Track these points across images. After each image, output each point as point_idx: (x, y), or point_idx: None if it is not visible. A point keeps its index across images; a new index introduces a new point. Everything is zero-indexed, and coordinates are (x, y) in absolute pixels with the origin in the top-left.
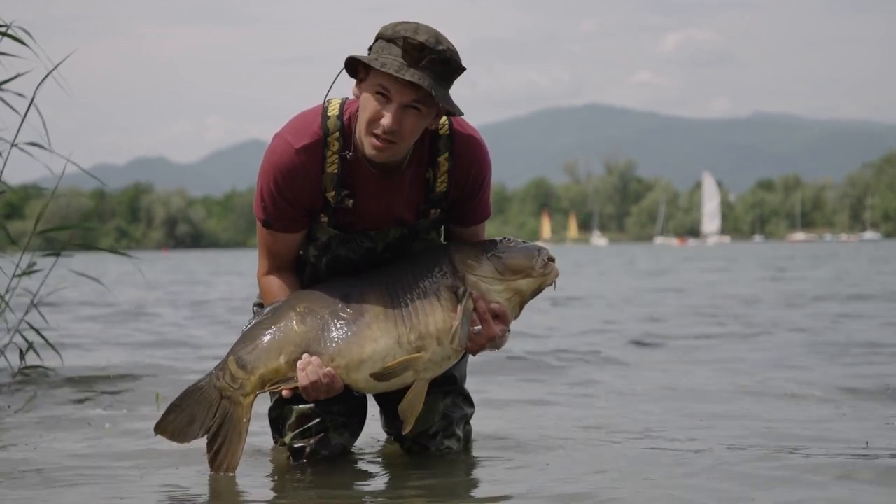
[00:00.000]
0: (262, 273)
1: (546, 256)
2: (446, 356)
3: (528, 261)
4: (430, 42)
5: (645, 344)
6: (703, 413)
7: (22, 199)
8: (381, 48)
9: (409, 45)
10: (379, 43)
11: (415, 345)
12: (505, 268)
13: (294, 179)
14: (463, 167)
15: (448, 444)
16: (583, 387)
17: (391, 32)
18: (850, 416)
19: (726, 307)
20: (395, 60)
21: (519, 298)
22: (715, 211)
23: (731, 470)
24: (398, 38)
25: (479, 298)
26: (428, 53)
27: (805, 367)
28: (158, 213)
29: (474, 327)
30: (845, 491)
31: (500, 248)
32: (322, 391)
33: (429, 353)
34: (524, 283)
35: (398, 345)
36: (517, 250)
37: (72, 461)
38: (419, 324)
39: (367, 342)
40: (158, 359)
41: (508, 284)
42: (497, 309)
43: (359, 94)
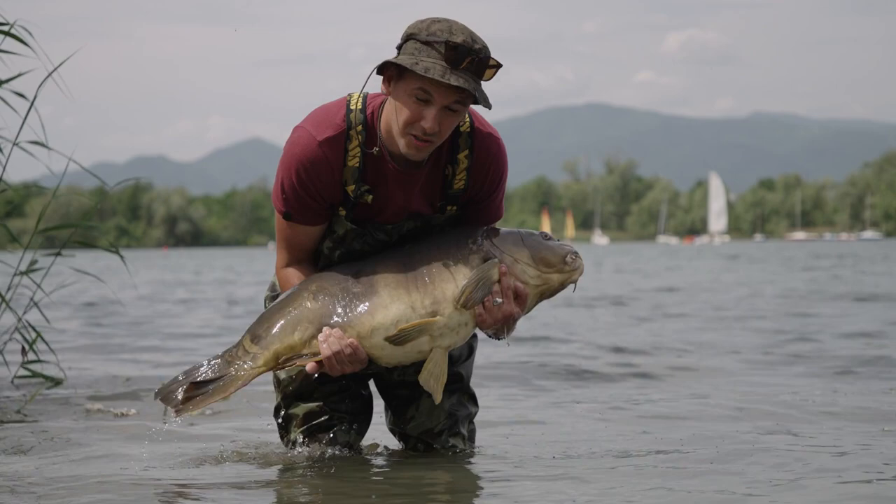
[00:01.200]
0: (280, 265)
1: (575, 253)
2: (463, 322)
3: (560, 256)
4: (469, 42)
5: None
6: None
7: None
8: (417, 50)
9: (451, 48)
10: (412, 44)
11: (429, 309)
12: (540, 258)
13: (316, 172)
14: (482, 165)
15: (453, 443)
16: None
17: (426, 34)
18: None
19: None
20: (437, 64)
21: (544, 288)
22: (722, 210)
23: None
24: (437, 42)
25: (507, 273)
26: (468, 55)
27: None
28: (158, 211)
29: (496, 298)
30: None
31: (536, 239)
32: (346, 362)
33: (444, 317)
34: (553, 277)
35: (411, 309)
36: (551, 244)
37: (70, 460)
38: (435, 289)
39: (378, 309)
40: (157, 358)
41: (541, 273)
42: (520, 289)
43: (388, 92)
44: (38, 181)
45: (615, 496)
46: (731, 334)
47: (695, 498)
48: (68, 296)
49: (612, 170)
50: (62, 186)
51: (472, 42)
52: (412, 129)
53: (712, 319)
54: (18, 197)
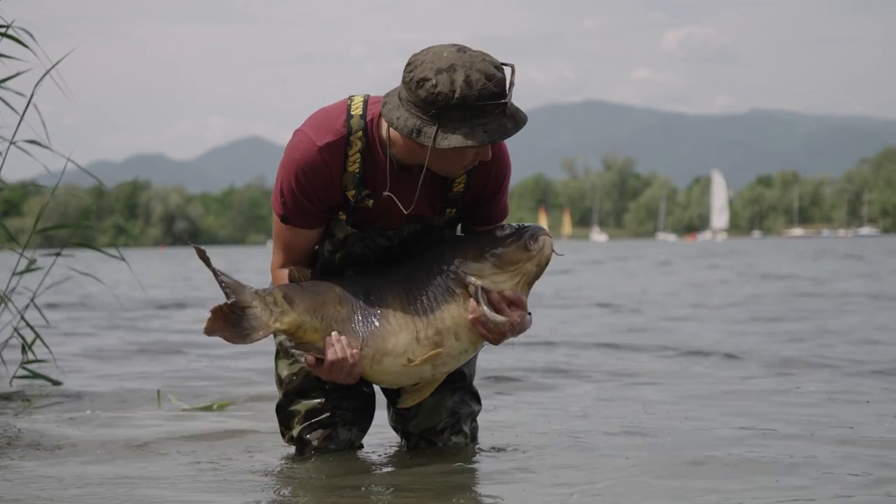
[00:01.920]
0: (276, 266)
1: (531, 235)
2: (463, 350)
3: (521, 248)
4: (505, 89)
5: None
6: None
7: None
8: (468, 116)
9: (495, 107)
10: (460, 112)
11: (433, 340)
12: (503, 261)
13: (315, 177)
14: (483, 168)
15: (455, 441)
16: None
17: (473, 99)
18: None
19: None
20: (497, 122)
21: (526, 279)
22: (724, 207)
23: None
24: (486, 106)
25: (489, 291)
26: (503, 104)
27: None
28: (156, 209)
29: (497, 318)
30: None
31: (493, 242)
32: (343, 372)
33: (447, 347)
34: (526, 267)
35: (416, 340)
36: (508, 240)
37: (67, 459)
38: (436, 320)
39: (390, 336)
40: (155, 357)
41: (512, 272)
42: (510, 296)
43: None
44: (35, 180)
45: (620, 494)
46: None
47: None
48: (67, 295)
49: (609, 167)
50: (60, 185)
51: (498, 71)
52: (470, 165)
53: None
54: (16, 196)
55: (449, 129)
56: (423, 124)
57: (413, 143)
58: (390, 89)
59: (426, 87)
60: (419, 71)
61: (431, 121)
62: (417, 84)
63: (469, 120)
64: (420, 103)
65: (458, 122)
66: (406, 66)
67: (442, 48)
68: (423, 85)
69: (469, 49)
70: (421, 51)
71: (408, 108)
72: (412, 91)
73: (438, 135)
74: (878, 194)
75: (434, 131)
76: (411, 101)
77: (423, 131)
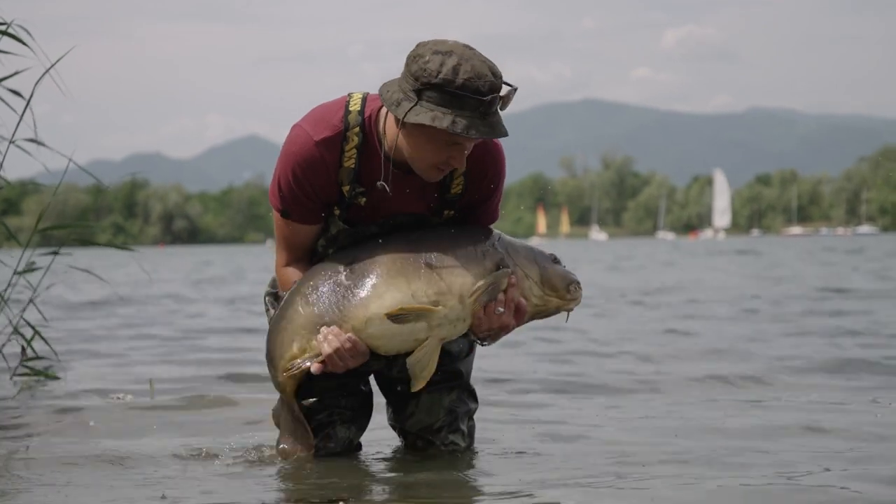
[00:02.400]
0: (280, 264)
1: (578, 283)
2: (462, 317)
3: (565, 283)
4: (495, 86)
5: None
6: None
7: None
8: (448, 102)
9: (485, 104)
10: (441, 96)
11: (432, 299)
12: (546, 280)
13: (312, 171)
14: (480, 170)
15: (453, 439)
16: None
17: (455, 86)
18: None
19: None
20: (475, 120)
21: (541, 310)
22: (726, 206)
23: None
24: (468, 98)
25: (515, 285)
26: (496, 100)
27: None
28: (155, 208)
29: (497, 308)
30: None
31: (546, 261)
32: (348, 357)
33: (446, 308)
34: (553, 301)
35: (412, 297)
36: (559, 270)
37: (63, 459)
38: (440, 280)
39: (373, 300)
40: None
41: (544, 295)
42: (522, 304)
43: (400, 125)
44: (34, 179)
45: (615, 492)
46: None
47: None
48: (65, 293)
49: (608, 166)
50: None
51: (495, 79)
52: (441, 165)
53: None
54: (15, 195)
55: (424, 108)
56: (404, 98)
57: (399, 135)
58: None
59: (418, 63)
60: (420, 49)
61: (413, 96)
62: (413, 59)
63: (446, 106)
64: (409, 78)
65: (434, 105)
66: (413, 48)
67: (451, 40)
68: (416, 61)
69: (477, 50)
70: (431, 39)
71: (400, 84)
72: (407, 66)
73: (413, 110)
74: (876, 193)
75: (410, 106)
76: (404, 78)
77: (401, 104)
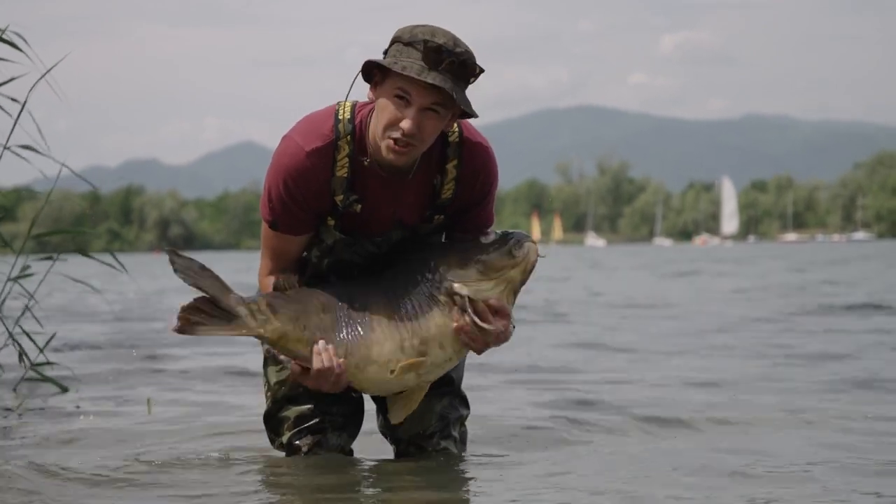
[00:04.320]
0: (264, 274)
1: (516, 241)
2: (447, 358)
3: (505, 254)
4: (449, 45)
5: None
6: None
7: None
8: (399, 51)
9: (430, 48)
10: (396, 47)
11: (417, 349)
12: (488, 268)
13: (303, 182)
14: (471, 175)
15: (445, 445)
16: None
17: (409, 36)
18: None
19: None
20: (416, 63)
21: (511, 287)
22: (733, 212)
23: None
24: (417, 42)
25: (473, 301)
26: (448, 56)
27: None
28: (151, 215)
29: (485, 326)
30: None
31: (476, 249)
32: (329, 380)
33: (431, 356)
34: (511, 274)
35: (401, 349)
36: (492, 247)
37: (60, 466)
38: (420, 328)
39: (374, 345)
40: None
41: (497, 280)
42: (495, 304)
43: (373, 98)
44: (29, 185)
45: (607, 496)
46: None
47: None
48: (57, 301)
49: (604, 171)
50: (54, 190)
51: (454, 45)
52: (392, 132)
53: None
54: (10, 201)
55: (386, 56)
56: (370, 64)
57: (375, 126)
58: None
59: (393, 35)
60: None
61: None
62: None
63: (405, 53)
64: (388, 44)
65: (395, 53)
66: None
67: None
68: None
69: (456, 35)
70: None
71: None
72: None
73: (371, 62)
74: (872, 199)
75: (374, 63)
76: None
77: (371, 71)
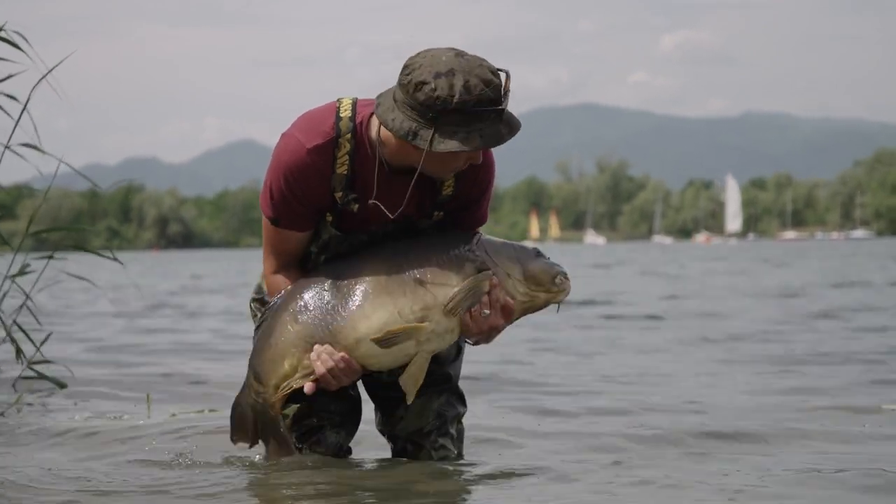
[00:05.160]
0: (269, 271)
1: (564, 274)
2: (450, 328)
3: (550, 276)
4: (495, 94)
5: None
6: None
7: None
8: (463, 121)
9: (488, 114)
10: (457, 116)
11: (418, 315)
12: (530, 275)
13: (304, 179)
14: (472, 172)
15: (442, 443)
16: None
17: (471, 105)
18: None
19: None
20: (492, 127)
21: (529, 305)
22: (737, 210)
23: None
24: (484, 113)
25: (497, 286)
26: (496, 109)
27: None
28: (150, 212)
29: (483, 310)
30: None
31: (529, 256)
32: (341, 376)
33: (433, 323)
34: (540, 296)
35: (398, 315)
36: (543, 263)
37: (58, 465)
38: (425, 294)
39: (360, 320)
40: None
41: (529, 290)
42: (509, 303)
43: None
44: (29, 183)
45: (603, 497)
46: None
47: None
48: (56, 298)
49: (603, 170)
50: (53, 187)
51: (495, 77)
52: (462, 168)
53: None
54: (9, 199)
55: (446, 134)
56: (419, 127)
57: (406, 146)
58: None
59: (424, 91)
60: (417, 74)
61: (428, 124)
62: (416, 87)
63: (466, 125)
64: (417, 106)
65: (454, 127)
66: (403, 68)
67: (440, 52)
68: (421, 88)
69: (466, 54)
70: (418, 54)
71: (403, 110)
72: (409, 94)
73: (435, 138)
74: (871, 197)
75: (430, 135)
76: (407, 104)
77: (419, 134)
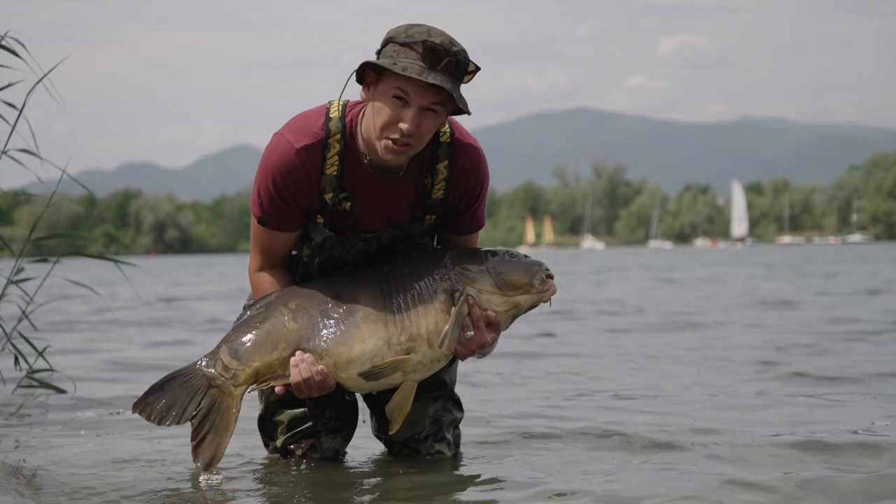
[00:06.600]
0: (253, 269)
1: (545, 273)
2: (436, 359)
3: (527, 277)
4: (447, 44)
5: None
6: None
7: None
8: (396, 52)
9: (429, 49)
10: (391, 47)
11: (405, 346)
12: (504, 283)
13: (293, 179)
14: (461, 176)
15: (438, 448)
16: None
17: (405, 36)
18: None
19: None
20: (415, 64)
21: (515, 311)
22: (742, 215)
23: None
24: (415, 42)
25: (474, 304)
26: (445, 55)
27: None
28: (147, 218)
29: (467, 332)
30: None
31: (501, 262)
32: (314, 388)
33: (419, 354)
34: (522, 299)
35: (387, 345)
36: (517, 265)
37: (60, 466)
38: (410, 325)
39: (356, 342)
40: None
41: (507, 298)
42: (491, 317)
43: (367, 98)
44: (26, 188)
45: (606, 495)
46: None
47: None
48: (54, 305)
49: (600, 174)
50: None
51: (451, 45)
52: (390, 132)
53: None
54: (6, 204)
55: (381, 56)
56: (367, 66)
57: (369, 125)
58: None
59: (388, 34)
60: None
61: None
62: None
63: (402, 53)
64: (381, 44)
65: (391, 53)
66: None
67: None
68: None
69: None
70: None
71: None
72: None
73: (372, 60)
74: (868, 202)
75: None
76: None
77: (364, 71)
